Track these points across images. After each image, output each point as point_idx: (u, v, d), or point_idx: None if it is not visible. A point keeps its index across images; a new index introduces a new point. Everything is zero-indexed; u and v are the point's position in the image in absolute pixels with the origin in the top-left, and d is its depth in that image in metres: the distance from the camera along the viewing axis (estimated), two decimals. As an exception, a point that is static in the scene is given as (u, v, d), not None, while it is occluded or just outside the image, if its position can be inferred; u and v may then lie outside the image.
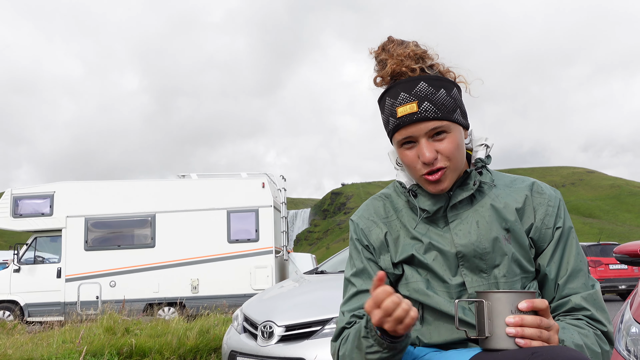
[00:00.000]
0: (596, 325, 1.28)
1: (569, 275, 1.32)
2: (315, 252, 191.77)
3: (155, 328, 6.68)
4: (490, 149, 1.41)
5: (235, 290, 12.51)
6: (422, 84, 1.30)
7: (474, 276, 1.32)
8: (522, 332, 1.08)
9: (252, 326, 4.09)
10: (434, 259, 1.35)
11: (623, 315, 2.39)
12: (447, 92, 1.31)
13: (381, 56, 1.37)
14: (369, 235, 1.44)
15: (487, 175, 1.38)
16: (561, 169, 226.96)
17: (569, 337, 1.20)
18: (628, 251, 3.64)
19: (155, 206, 13.01)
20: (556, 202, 1.38)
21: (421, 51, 1.35)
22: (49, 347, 5.61)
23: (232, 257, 12.81)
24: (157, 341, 5.82)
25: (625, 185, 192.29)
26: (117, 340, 5.75)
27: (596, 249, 15.59)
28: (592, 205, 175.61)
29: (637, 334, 2.14)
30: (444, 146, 1.29)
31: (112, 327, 6.48)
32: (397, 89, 1.32)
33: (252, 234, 12.88)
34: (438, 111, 1.28)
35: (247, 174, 13.77)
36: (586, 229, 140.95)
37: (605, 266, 14.98)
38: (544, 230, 1.35)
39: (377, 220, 1.45)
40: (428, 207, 1.37)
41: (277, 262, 12.97)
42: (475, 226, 1.34)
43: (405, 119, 1.29)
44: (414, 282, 1.36)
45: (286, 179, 14.31)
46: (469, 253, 1.32)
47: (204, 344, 6.03)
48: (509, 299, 1.11)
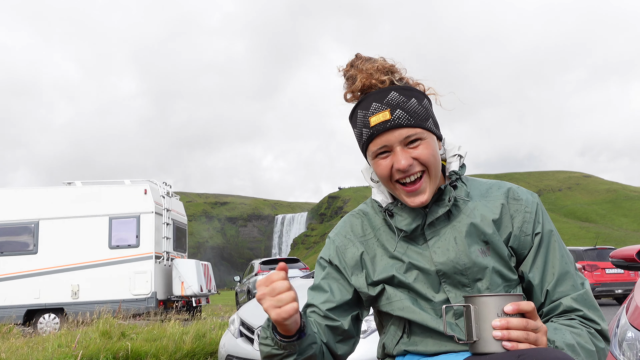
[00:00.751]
0: (590, 324, 1.28)
1: (556, 279, 1.32)
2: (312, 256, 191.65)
3: (151, 332, 6.67)
4: (463, 159, 1.40)
5: (115, 296, 12.72)
6: (393, 93, 1.31)
7: (457, 291, 1.32)
8: (509, 335, 1.08)
9: (248, 330, 4.08)
10: (415, 278, 1.34)
11: (619, 319, 2.40)
12: (418, 102, 1.32)
13: (350, 72, 1.38)
14: (344, 253, 1.44)
15: (462, 189, 1.38)
16: (557, 174, 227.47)
17: (560, 337, 1.20)
18: (624, 256, 3.65)
19: (39, 213, 13.24)
20: (533, 207, 1.37)
21: (389, 65, 1.37)
22: (44, 351, 5.60)
23: (112, 263, 13.06)
24: (153, 345, 5.81)
25: (622, 189, 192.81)
26: (113, 344, 5.74)
27: (592, 253, 15.60)
28: (589, 210, 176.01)
29: (633, 339, 2.15)
30: (419, 152, 1.30)
31: (108, 331, 6.47)
32: (368, 100, 1.33)
33: (132, 239, 13.16)
34: (411, 118, 1.29)
35: (130, 180, 14.06)
36: (582, 233, 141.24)
37: (602, 270, 14.98)
38: (523, 238, 1.34)
39: (353, 239, 1.45)
40: (405, 227, 1.36)
41: (157, 268, 13.16)
42: (453, 242, 1.33)
43: (379, 127, 1.30)
44: (399, 301, 1.35)
45: (171, 186, 14.65)
46: (449, 270, 1.32)
47: (200, 348, 6.02)
48: (496, 303, 1.11)
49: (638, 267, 3.58)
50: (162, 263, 13.49)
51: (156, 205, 13.39)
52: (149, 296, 12.82)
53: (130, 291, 12.79)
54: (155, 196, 13.57)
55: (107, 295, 12.68)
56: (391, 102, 1.30)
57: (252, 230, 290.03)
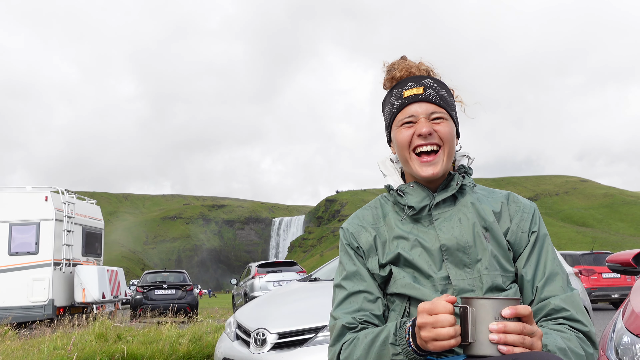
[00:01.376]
0: (576, 325, 1.31)
1: (546, 278, 1.38)
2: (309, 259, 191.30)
3: (147, 335, 6.65)
4: (472, 161, 1.55)
5: (13, 303, 12.70)
6: (428, 79, 1.48)
7: (458, 270, 1.38)
8: (505, 339, 1.08)
9: (245, 333, 4.07)
10: (419, 255, 1.40)
11: (615, 324, 2.40)
12: (447, 94, 1.49)
13: (394, 66, 1.54)
14: (358, 239, 1.50)
15: (468, 179, 1.50)
16: (555, 178, 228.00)
17: (552, 341, 1.22)
18: (620, 260, 3.65)
19: None
20: (531, 210, 1.47)
21: (427, 66, 1.53)
22: (40, 354, 5.57)
23: (11, 270, 13.09)
24: (149, 348, 5.79)
25: (619, 194, 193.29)
26: (108, 347, 5.72)
27: (589, 257, 15.63)
28: (586, 214, 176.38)
29: (629, 343, 2.15)
30: (441, 128, 1.42)
31: (104, 334, 6.45)
32: (406, 81, 1.48)
33: (32, 246, 13.19)
34: (440, 99, 1.45)
35: (31, 187, 14.09)
36: (579, 238, 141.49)
37: (599, 275, 15.02)
38: (520, 234, 1.43)
39: (366, 225, 1.52)
40: (415, 203, 1.44)
41: (56, 275, 13.17)
42: (458, 223, 1.42)
43: (411, 97, 1.44)
44: (402, 279, 1.40)
45: (72, 194, 14.48)
46: (453, 246, 1.39)
47: (196, 351, 6.00)
48: (493, 306, 1.11)
49: (634, 271, 3.59)
50: (62, 270, 13.47)
51: (57, 211, 13.37)
52: (46, 303, 12.83)
53: (27, 298, 12.79)
54: (57, 203, 13.55)
55: (5, 302, 12.69)
56: (426, 83, 1.46)
57: (249, 233, 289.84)
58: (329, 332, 1.45)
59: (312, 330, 3.75)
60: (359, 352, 1.31)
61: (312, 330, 3.75)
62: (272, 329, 3.83)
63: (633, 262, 3.56)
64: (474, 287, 1.35)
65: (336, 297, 1.47)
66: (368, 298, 1.42)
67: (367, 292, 1.42)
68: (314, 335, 3.73)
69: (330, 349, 1.41)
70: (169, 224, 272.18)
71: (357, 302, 1.41)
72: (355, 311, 1.40)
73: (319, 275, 5.51)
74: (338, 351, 1.37)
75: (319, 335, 3.72)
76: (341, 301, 1.44)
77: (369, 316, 1.39)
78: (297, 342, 3.74)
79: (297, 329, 3.78)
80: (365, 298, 1.42)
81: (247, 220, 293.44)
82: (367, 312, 1.40)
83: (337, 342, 1.39)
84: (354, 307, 1.41)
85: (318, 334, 3.73)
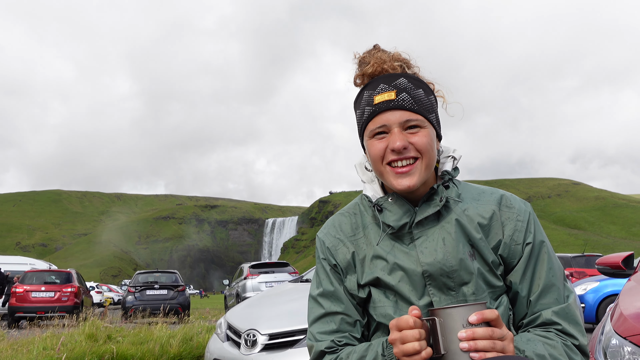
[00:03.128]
0: (568, 338, 1.25)
1: (540, 291, 1.29)
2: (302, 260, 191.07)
3: (137, 335, 6.62)
4: (457, 161, 1.39)
5: None
6: (402, 78, 1.31)
7: (442, 295, 1.28)
8: (475, 345, 1.06)
9: (235, 334, 4.06)
10: (399, 280, 1.30)
11: (604, 326, 2.41)
12: (425, 94, 1.32)
13: (365, 59, 1.38)
14: (335, 255, 1.40)
15: (453, 190, 1.35)
16: (547, 181, 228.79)
17: (531, 347, 1.18)
18: (610, 263, 3.67)
19: None
20: (526, 216, 1.34)
21: (403, 58, 1.37)
22: (29, 354, 5.53)
23: None
24: (139, 348, 5.76)
25: (610, 197, 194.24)
26: (98, 347, 5.68)
27: (580, 260, 15.70)
28: (578, 217, 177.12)
29: (617, 346, 2.15)
30: (417, 139, 1.28)
31: (94, 334, 6.41)
32: (377, 82, 1.32)
33: None
34: (415, 104, 1.29)
35: None
36: (571, 240, 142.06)
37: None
38: (513, 247, 1.31)
39: (343, 238, 1.41)
40: (393, 222, 1.32)
41: None
42: (441, 243, 1.29)
43: (382, 105, 1.28)
44: (382, 307, 1.32)
45: None
46: (436, 272, 1.28)
47: (187, 352, 5.98)
48: (460, 314, 1.10)
49: (624, 274, 3.61)
50: None
51: None
52: None
53: None
54: None
55: None
56: (399, 85, 1.29)
57: (242, 234, 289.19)
58: (308, 350, 1.41)
59: (303, 332, 3.74)
60: None
61: (303, 331, 3.74)
62: (262, 330, 3.82)
63: (622, 264, 3.58)
64: None
65: (312, 312, 1.39)
66: (346, 320, 1.35)
67: (345, 315, 1.35)
68: (304, 336, 3.72)
69: None
70: (161, 224, 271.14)
71: (334, 322, 1.35)
72: (333, 332, 1.34)
73: (311, 276, 5.50)
74: None
75: (309, 336, 3.72)
76: (317, 318, 1.37)
77: (348, 337, 1.33)
78: (288, 343, 3.73)
79: (287, 330, 3.78)
80: (343, 319, 1.35)
81: (240, 220, 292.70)
82: (345, 333, 1.34)
83: None
84: (331, 327, 1.34)
85: (308, 335, 3.72)
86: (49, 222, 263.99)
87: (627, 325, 2.19)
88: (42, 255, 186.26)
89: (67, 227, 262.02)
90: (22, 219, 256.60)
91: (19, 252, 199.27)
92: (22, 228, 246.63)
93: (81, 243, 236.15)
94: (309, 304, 1.42)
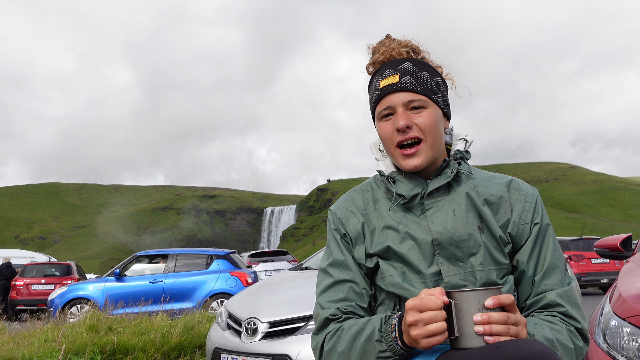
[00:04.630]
0: (570, 321, 1.30)
1: (544, 271, 1.34)
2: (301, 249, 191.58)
3: (139, 326, 6.63)
4: (469, 144, 1.46)
5: None
6: (407, 63, 1.40)
7: (450, 265, 1.33)
8: (490, 330, 1.08)
9: (236, 323, 4.07)
10: (409, 249, 1.35)
11: (603, 308, 2.42)
12: (430, 76, 1.40)
13: (376, 48, 1.47)
14: (346, 225, 1.45)
15: (465, 166, 1.42)
16: (545, 165, 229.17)
17: (539, 331, 1.21)
18: (608, 245, 3.68)
19: None
20: (533, 199, 1.40)
21: (413, 44, 1.45)
22: (30, 346, 5.54)
23: None
24: (140, 339, 5.77)
25: (608, 180, 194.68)
26: (99, 338, 5.69)
27: (579, 243, 15.76)
28: (575, 200, 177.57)
29: (616, 327, 2.16)
30: (421, 120, 1.36)
31: (95, 326, 6.42)
32: (384, 68, 1.42)
33: None
34: (418, 86, 1.37)
35: None
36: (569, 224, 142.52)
37: (588, 260, 15.15)
38: (522, 226, 1.36)
39: (355, 211, 1.47)
40: (405, 192, 1.38)
41: None
42: (451, 214, 1.36)
43: (386, 88, 1.38)
44: (390, 277, 1.36)
45: None
46: (445, 241, 1.33)
47: (188, 341, 5.99)
48: (476, 297, 1.11)
49: (622, 256, 3.62)
50: None
51: None
52: None
53: None
54: None
55: None
56: (403, 69, 1.38)
57: (241, 223, 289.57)
58: (313, 319, 1.43)
59: (303, 319, 3.75)
60: (343, 345, 1.29)
61: (303, 318, 3.76)
62: (263, 318, 3.83)
63: (620, 246, 3.59)
64: (466, 282, 1.31)
65: (321, 282, 1.44)
66: (354, 288, 1.39)
67: (353, 282, 1.39)
68: (305, 323, 3.73)
69: (313, 337, 1.39)
70: (160, 215, 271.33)
71: (342, 291, 1.39)
72: (340, 300, 1.37)
73: (310, 264, 5.52)
74: (322, 342, 1.35)
75: (310, 323, 3.73)
76: (326, 288, 1.41)
77: (354, 307, 1.37)
78: (289, 330, 3.74)
79: (288, 318, 3.79)
80: (351, 288, 1.39)
81: (238, 210, 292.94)
82: (352, 302, 1.37)
83: (321, 332, 1.37)
84: (339, 295, 1.38)
85: (309, 323, 3.73)
86: (48, 215, 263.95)
87: (626, 306, 2.20)
88: (41, 248, 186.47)
89: (65, 220, 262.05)
90: (20, 212, 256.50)
91: (18, 245, 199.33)
92: (21, 221, 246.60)
93: (80, 235, 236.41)
94: (318, 277, 1.46)
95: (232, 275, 11.69)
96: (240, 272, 11.87)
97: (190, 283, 11.52)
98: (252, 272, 12.69)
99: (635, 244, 3.77)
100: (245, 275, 11.83)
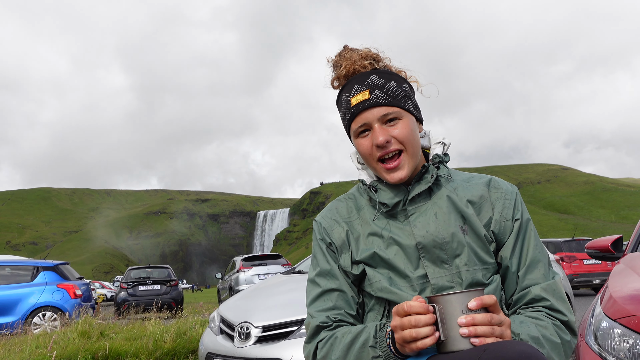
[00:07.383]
0: (556, 315, 1.31)
1: (527, 266, 1.36)
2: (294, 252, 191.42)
3: (131, 331, 6.60)
4: (447, 147, 1.47)
5: None
6: (373, 76, 1.40)
7: (436, 267, 1.34)
8: (475, 331, 1.08)
9: (228, 327, 4.06)
10: (395, 254, 1.37)
11: (594, 309, 2.42)
12: (397, 84, 1.40)
13: (337, 62, 1.47)
14: (331, 234, 1.47)
15: (444, 170, 1.44)
16: (536, 166, 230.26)
17: (524, 330, 1.22)
18: (599, 246, 3.70)
19: None
20: (513, 196, 1.42)
21: (373, 53, 1.45)
22: (21, 353, 5.50)
23: None
24: (133, 344, 5.74)
25: (599, 181, 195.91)
26: (91, 344, 5.66)
27: (571, 244, 15.83)
28: (567, 202, 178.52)
29: (607, 328, 2.17)
30: (398, 131, 1.36)
31: (87, 331, 6.39)
32: (351, 84, 1.41)
33: None
34: (389, 98, 1.37)
35: None
36: (561, 225, 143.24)
37: (580, 261, 15.22)
38: (504, 223, 1.38)
39: (339, 219, 1.48)
40: (388, 200, 1.40)
41: None
42: (433, 217, 1.37)
43: (359, 106, 1.37)
44: (378, 282, 1.36)
45: None
46: (429, 244, 1.34)
47: (181, 346, 5.97)
48: (459, 300, 1.11)
49: (613, 257, 3.64)
50: None
51: None
52: None
53: None
54: None
55: None
56: (371, 83, 1.38)
57: (234, 227, 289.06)
58: (305, 328, 1.44)
59: (296, 323, 3.75)
60: (337, 353, 1.30)
61: (296, 322, 3.75)
62: (256, 322, 3.82)
63: (611, 248, 3.61)
64: (453, 283, 1.32)
65: (310, 293, 1.45)
66: (342, 296, 1.40)
67: (341, 291, 1.41)
68: (298, 327, 3.72)
69: (305, 345, 1.40)
70: (152, 219, 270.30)
71: (331, 299, 1.40)
72: (329, 309, 1.39)
73: (303, 267, 5.51)
74: (314, 349, 1.37)
75: (302, 327, 3.72)
76: (315, 298, 1.42)
77: (343, 314, 1.38)
78: (282, 334, 3.73)
79: (281, 322, 3.77)
80: (339, 296, 1.40)
81: (231, 214, 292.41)
82: (341, 310, 1.39)
83: (312, 339, 1.38)
84: (327, 304, 1.40)
85: (302, 327, 3.72)
86: (39, 220, 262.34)
87: (617, 307, 2.21)
88: (33, 254, 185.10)
89: (57, 225, 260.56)
90: (11, 218, 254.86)
91: (10, 251, 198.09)
92: (12, 227, 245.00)
93: (72, 240, 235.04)
94: (307, 288, 1.48)
95: (60, 288, 11.42)
96: (68, 284, 11.59)
97: (12, 296, 11.09)
98: (84, 284, 12.38)
99: (626, 245, 3.79)
100: (74, 287, 11.56)
